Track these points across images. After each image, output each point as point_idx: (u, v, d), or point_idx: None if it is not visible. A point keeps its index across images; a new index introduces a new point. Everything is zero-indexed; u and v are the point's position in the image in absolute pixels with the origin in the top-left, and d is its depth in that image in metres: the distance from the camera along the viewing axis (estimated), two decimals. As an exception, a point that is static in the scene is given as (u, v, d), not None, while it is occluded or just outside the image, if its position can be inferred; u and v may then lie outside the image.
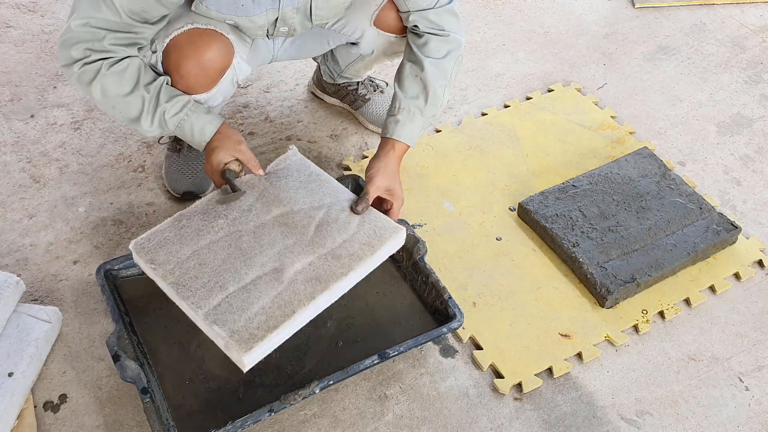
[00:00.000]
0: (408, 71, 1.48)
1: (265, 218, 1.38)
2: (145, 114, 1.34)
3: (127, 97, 1.32)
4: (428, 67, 1.46)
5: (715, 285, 1.58)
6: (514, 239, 1.65)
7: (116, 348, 1.31)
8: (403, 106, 1.47)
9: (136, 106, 1.33)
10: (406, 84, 1.48)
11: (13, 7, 2.21)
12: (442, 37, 1.47)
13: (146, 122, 1.35)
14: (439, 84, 1.47)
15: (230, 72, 1.46)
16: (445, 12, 1.47)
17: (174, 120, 1.36)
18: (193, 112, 1.37)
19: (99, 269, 1.43)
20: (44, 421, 1.33)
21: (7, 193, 1.71)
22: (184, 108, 1.36)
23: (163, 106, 1.34)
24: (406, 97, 1.47)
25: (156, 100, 1.34)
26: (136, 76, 1.32)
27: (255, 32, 1.43)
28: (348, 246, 1.34)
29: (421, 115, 1.48)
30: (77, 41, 1.27)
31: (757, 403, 1.42)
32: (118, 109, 1.34)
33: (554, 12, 2.33)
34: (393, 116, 1.48)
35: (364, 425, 1.35)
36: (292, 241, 1.34)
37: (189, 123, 1.37)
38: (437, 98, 1.48)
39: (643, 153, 1.78)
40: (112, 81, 1.30)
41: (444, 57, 1.48)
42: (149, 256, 1.32)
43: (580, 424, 1.37)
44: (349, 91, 1.88)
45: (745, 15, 2.34)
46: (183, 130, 1.37)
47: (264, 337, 1.19)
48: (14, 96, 1.94)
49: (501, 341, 1.47)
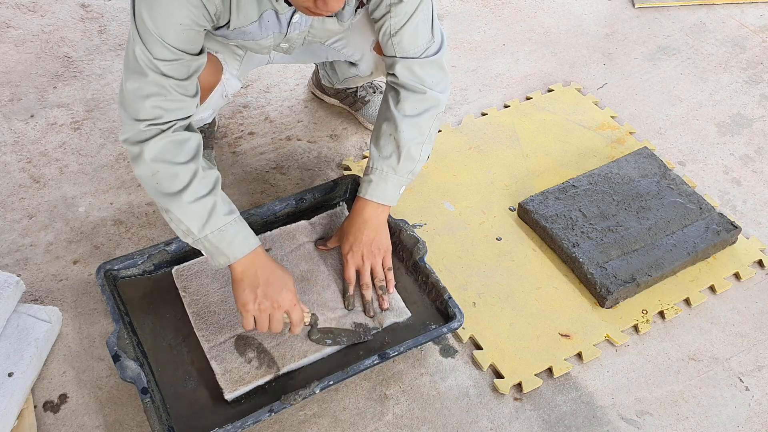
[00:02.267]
0: (383, 130, 1.41)
1: (291, 270, 1.46)
2: (191, 192, 1.21)
3: (178, 167, 1.20)
4: (402, 126, 1.39)
5: (715, 285, 1.58)
6: (514, 239, 1.65)
7: (116, 348, 1.31)
8: (376, 166, 1.42)
9: (184, 179, 1.21)
10: (380, 143, 1.42)
11: (13, 7, 2.21)
12: (419, 94, 1.40)
13: (188, 198, 1.21)
14: (415, 142, 1.40)
15: (219, 88, 1.46)
16: (431, 64, 1.40)
17: (220, 219, 1.23)
18: (242, 221, 1.27)
19: (99, 269, 1.44)
20: (44, 421, 1.33)
21: (7, 193, 1.71)
22: (234, 213, 1.26)
23: (218, 197, 1.24)
24: (379, 157, 1.41)
25: (210, 186, 1.23)
26: (195, 152, 1.23)
27: (259, 51, 1.43)
28: (353, 316, 1.43)
29: (394, 173, 1.41)
30: (143, 96, 1.18)
31: (757, 403, 1.42)
32: (160, 176, 1.21)
33: (554, 12, 2.33)
34: (366, 176, 1.43)
35: (364, 425, 1.35)
36: (307, 298, 1.44)
37: (235, 229, 1.25)
38: (411, 157, 1.41)
39: (643, 153, 1.78)
40: (171, 146, 1.20)
41: (420, 114, 1.40)
42: (183, 283, 1.45)
43: (580, 424, 1.37)
44: (348, 93, 1.88)
45: (745, 15, 2.34)
46: (223, 234, 1.23)
47: (250, 382, 1.32)
48: (14, 96, 1.94)
49: (501, 341, 1.47)
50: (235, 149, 1.83)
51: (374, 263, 1.44)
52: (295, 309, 1.29)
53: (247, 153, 1.82)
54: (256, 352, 1.35)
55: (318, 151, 1.84)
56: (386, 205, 1.44)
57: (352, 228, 1.44)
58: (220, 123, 1.89)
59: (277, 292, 1.27)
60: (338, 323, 1.41)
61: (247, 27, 1.30)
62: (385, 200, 1.43)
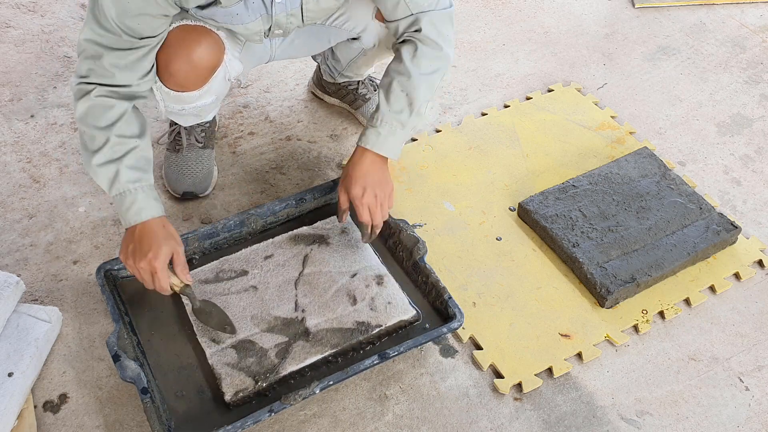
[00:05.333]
0: (396, 83, 1.41)
1: (293, 274, 1.49)
2: (100, 156, 1.29)
3: (95, 131, 1.29)
4: (417, 83, 1.40)
5: (715, 285, 1.58)
6: (514, 239, 1.65)
7: (116, 348, 1.31)
8: (386, 120, 1.41)
9: (98, 143, 1.29)
10: (391, 97, 1.41)
11: (13, 7, 2.21)
12: (436, 51, 1.41)
13: (97, 161, 1.29)
14: (425, 100, 1.42)
15: (221, 69, 1.44)
16: (448, 17, 1.42)
17: (122, 185, 1.30)
18: (143, 191, 1.32)
19: (99, 269, 1.44)
20: (44, 421, 1.33)
21: (7, 193, 1.71)
22: (139, 182, 1.31)
23: (122, 165, 1.30)
24: (390, 111, 1.41)
25: (120, 154, 1.30)
26: (115, 120, 1.29)
27: (251, 37, 1.43)
28: (356, 315, 1.42)
29: (402, 128, 1.42)
30: (85, 54, 1.27)
31: (757, 403, 1.42)
32: (83, 135, 1.31)
33: (554, 12, 2.33)
34: (374, 127, 1.42)
35: (364, 425, 1.35)
36: (309, 300, 1.45)
37: (132, 197, 1.31)
38: (421, 114, 1.43)
39: (643, 153, 1.78)
40: (94, 110, 1.28)
41: (433, 72, 1.42)
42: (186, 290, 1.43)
43: (580, 424, 1.37)
44: (349, 90, 1.88)
45: (745, 15, 2.34)
46: (122, 199, 1.31)
47: (248, 389, 1.32)
48: (14, 96, 1.94)
49: (501, 341, 1.47)
50: (235, 149, 1.83)
51: (383, 204, 1.45)
52: (156, 276, 1.30)
53: (247, 153, 1.82)
54: (257, 356, 1.35)
55: (318, 151, 1.84)
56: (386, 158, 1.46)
57: (359, 173, 1.43)
58: (220, 123, 1.89)
59: (141, 257, 1.29)
60: (340, 323, 1.41)
61: (233, 7, 1.32)
62: (389, 153, 1.44)
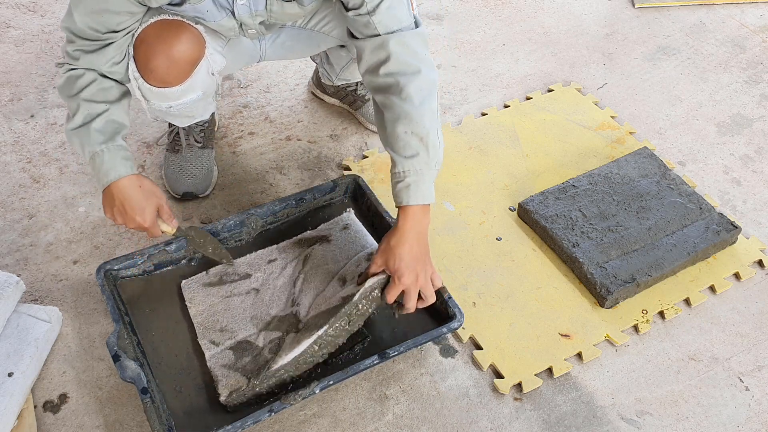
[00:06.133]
0: (399, 130, 1.30)
1: (294, 274, 1.49)
2: (73, 122, 1.34)
3: (69, 99, 1.34)
4: (419, 115, 1.30)
5: (715, 285, 1.58)
6: (514, 239, 1.65)
7: (116, 348, 1.31)
8: (407, 169, 1.30)
9: (72, 110, 1.35)
10: (400, 145, 1.31)
11: (13, 7, 2.21)
12: (416, 75, 1.31)
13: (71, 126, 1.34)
14: (433, 129, 1.31)
15: (204, 63, 1.41)
16: (419, 36, 1.33)
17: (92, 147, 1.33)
18: (110, 151, 1.33)
19: (99, 269, 1.44)
20: (44, 421, 1.33)
21: (7, 193, 1.71)
22: (106, 143, 1.33)
23: (90, 130, 1.33)
24: (406, 159, 1.30)
25: (90, 118, 1.33)
26: (84, 86, 1.32)
27: (227, 33, 1.42)
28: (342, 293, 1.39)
29: (428, 169, 1.31)
30: (64, 39, 1.33)
31: (757, 403, 1.42)
32: (66, 108, 1.38)
33: (554, 12, 2.33)
34: (402, 181, 1.31)
35: (364, 425, 1.35)
36: (304, 294, 1.45)
37: (101, 158, 1.33)
38: (435, 145, 1.31)
39: (643, 153, 1.78)
40: (68, 81, 1.33)
41: (428, 97, 1.31)
42: (190, 295, 1.47)
43: (580, 424, 1.37)
44: (348, 92, 1.88)
45: (745, 15, 2.34)
46: (93, 161, 1.34)
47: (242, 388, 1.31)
48: (14, 96, 1.94)
49: (501, 341, 1.47)
50: (235, 149, 1.83)
51: (424, 283, 1.33)
52: (149, 231, 1.39)
53: (247, 153, 1.83)
54: (252, 356, 1.35)
55: (318, 151, 1.84)
56: (428, 205, 1.33)
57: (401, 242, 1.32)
58: (220, 123, 1.89)
59: (130, 220, 1.36)
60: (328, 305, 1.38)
61: (201, 4, 1.33)
62: (425, 200, 1.32)
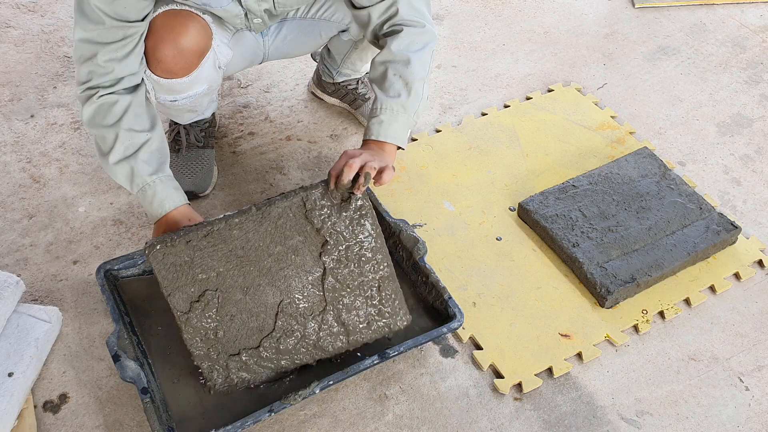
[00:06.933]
0: (389, 72, 1.40)
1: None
2: (114, 155, 1.32)
3: (104, 130, 1.32)
4: (409, 63, 1.38)
5: (715, 285, 1.58)
6: (514, 239, 1.65)
7: (116, 348, 1.31)
8: (385, 106, 1.38)
9: (109, 141, 1.32)
10: (386, 84, 1.40)
11: (13, 7, 2.21)
12: (419, 28, 1.41)
13: (112, 160, 1.32)
14: (420, 78, 1.39)
15: (210, 55, 1.42)
16: None
17: (141, 180, 1.33)
18: (162, 182, 1.35)
19: (99, 269, 1.44)
20: (44, 421, 1.33)
21: (7, 193, 1.71)
22: (157, 174, 1.34)
23: (137, 160, 1.33)
24: (387, 97, 1.39)
25: (134, 150, 1.33)
26: (120, 115, 1.31)
27: (233, 21, 1.43)
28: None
29: (404, 111, 1.39)
30: (82, 59, 1.29)
31: (757, 403, 1.42)
32: (97, 138, 1.34)
33: (554, 12, 2.33)
34: (376, 117, 1.38)
35: (364, 425, 1.35)
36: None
37: (153, 189, 1.34)
38: (418, 94, 1.40)
39: (643, 153, 1.78)
40: (100, 110, 1.31)
41: (423, 49, 1.41)
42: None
43: (580, 424, 1.37)
44: (348, 90, 1.88)
45: (745, 15, 2.34)
46: (144, 194, 1.34)
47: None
48: (14, 96, 1.94)
49: (501, 341, 1.47)
50: (235, 149, 1.83)
51: (369, 160, 1.28)
52: None
53: (247, 153, 1.83)
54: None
55: (318, 151, 1.84)
56: (395, 148, 1.40)
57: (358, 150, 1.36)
58: (220, 123, 1.89)
59: None
60: None
61: None
62: (396, 140, 1.38)
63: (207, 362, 1.30)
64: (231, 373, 1.31)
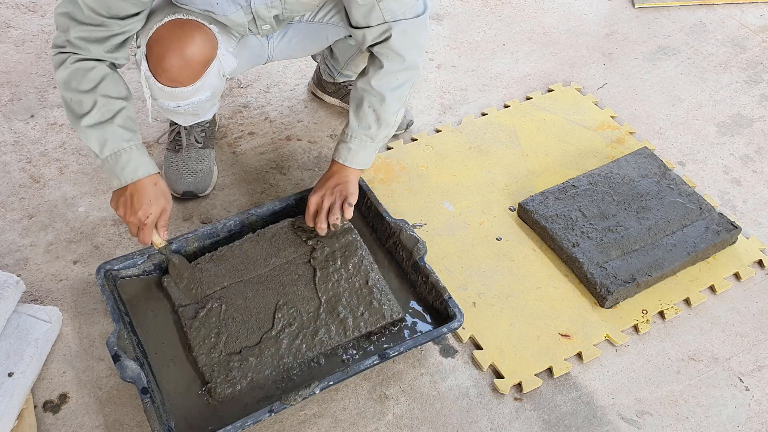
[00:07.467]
0: (365, 103, 1.47)
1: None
2: (90, 118, 1.30)
3: (81, 95, 1.30)
4: (385, 100, 1.45)
5: (715, 285, 1.58)
6: (514, 239, 1.65)
7: (116, 348, 1.31)
8: (355, 135, 1.48)
9: (86, 106, 1.30)
10: (360, 114, 1.48)
11: (13, 7, 2.21)
12: (399, 64, 1.44)
13: (86, 122, 1.30)
14: (392, 111, 1.47)
15: (215, 64, 1.43)
16: (422, 23, 1.43)
17: (116, 144, 1.32)
18: (138, 149, 1.34)
19: (99, 269, 1.44)
20: (44, 421, 1.33)
21: (7, 193, 1.71)
22: (132, 140, 1.33)
23: (114, 126, 1.31)
24: (359, 127, 1.48)
25: (110, 115, 1.31)
26: (98, 81, 1.30)
27: (238, 29, 1.43)
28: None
29: (372, 142, 1.49)
30: (58, 27, 1.30)
31: (757, 403, 1.42)
32: (69, 102, 1.32)
33: (554, 12, 2.33)
34: (345, 143, 1.49)
35: (364, 425, 1.35)
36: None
37: (128, 156, 1.32)
38: (388, 124, 1.49)
39: (643, 153, 1.78)
40: (76, 74, 1.29)
41: (401, 86, 1.46)
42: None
43: (580, 424, 1.37)
44: (349, 90, 1.88)
45: (745, 15, 2.34)
46: (117, 159, 1.32)
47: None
48: (14, 96, 1.94)
49: (501, 341, 1.47)
50: (235, 149, 1.83)
51: (334, 203, 1.48)
52: (142, 231, 1.36)
53: (247, 153, 1.83)
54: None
55: (318, 151, 1.84)
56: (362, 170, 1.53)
57: (321, 179, 1.51)
58: (220, 123, 1.89)
59: (132, 213, 1.34)
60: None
61: None
62: (360, 165, 1.51)
63: (210, 365, 1.34)
64: (233, 372, 1.32)
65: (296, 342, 1.37)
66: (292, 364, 1.35)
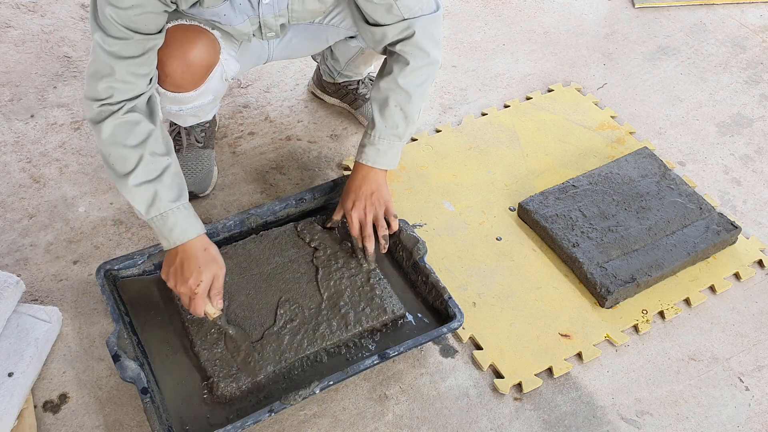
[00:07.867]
0: (391, 102, 1.44)
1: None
2: (135, 176, 1.26)
3: (126, 150, 1.26)
4: (412, 97, 1.45)
5: (715, 285, 1.58)
6: (514, 239, 1.65)
7: (116, 348, 1.31)
8: (383, 136, 1.46)
9: (131, 163, 1.26)
10: (386, 113, 1.45)
11: (13, 7, 2.21)
12: (424, 59, 1.44)
13: (133, 182, 1.26)
14: (417, 109, 1.47)
15: (218, 69, 1.43)
16: (438, 19, 1.44)
17: (164, 205, 1.27)
18: (186, 209, 1.30)
19: (99, 269, 1.44)
20: (44, 421, 1.33)
21: (7, 193, 1.71)
22: (179, 200, 1.29)
23: (162, 185, 1.27)
24: (386, 127, 1.46)
25: (157, 173, 1.27)
26: (145, 137, 1.26)
27: (240, 38, 1.43)
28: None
29: (399, 140, 1.48)
30: (99, 74, 1.23)
31: (757, 403, 1.42)
32: (112, 158, 1.27)
33: (554, 12, 2.33)
34: (372, 145, 1.47)
35: (364, 425, 1.35)
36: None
37: (175, 217, 1.28)
38: (414, 122, 1.49)
39: (643, 153, 1.79)
40: (122, 128, 1.25)
41: (425, 82, 1.46)
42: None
43: (580, 424, 1.37)
44: (349, 90, 1.88)
45: (745, 15, 2.34)
46: (164, 220, 1.28)
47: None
48: (14, 96, 1.94)
49: (501, 341, 1.47)
50: (235, 149, 1.83)
51: (377, 214, 1.48)
52: (193, 302, 1.30)
53: (247, 153, 1.83)
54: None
55: (318, 151, 1.84)
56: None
57: (353, 186, 1.49)
58: (220, 123, 1.89)
59: (183, 282, 1.29)
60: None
61: (219, 8, 1.32)
62: (390, 166, 1.49)
63: (211, 360, 1.34)
64: (235, 371, 1.33)
65: (297, 337, 1.38)
66: (294, 360, 1.35)
